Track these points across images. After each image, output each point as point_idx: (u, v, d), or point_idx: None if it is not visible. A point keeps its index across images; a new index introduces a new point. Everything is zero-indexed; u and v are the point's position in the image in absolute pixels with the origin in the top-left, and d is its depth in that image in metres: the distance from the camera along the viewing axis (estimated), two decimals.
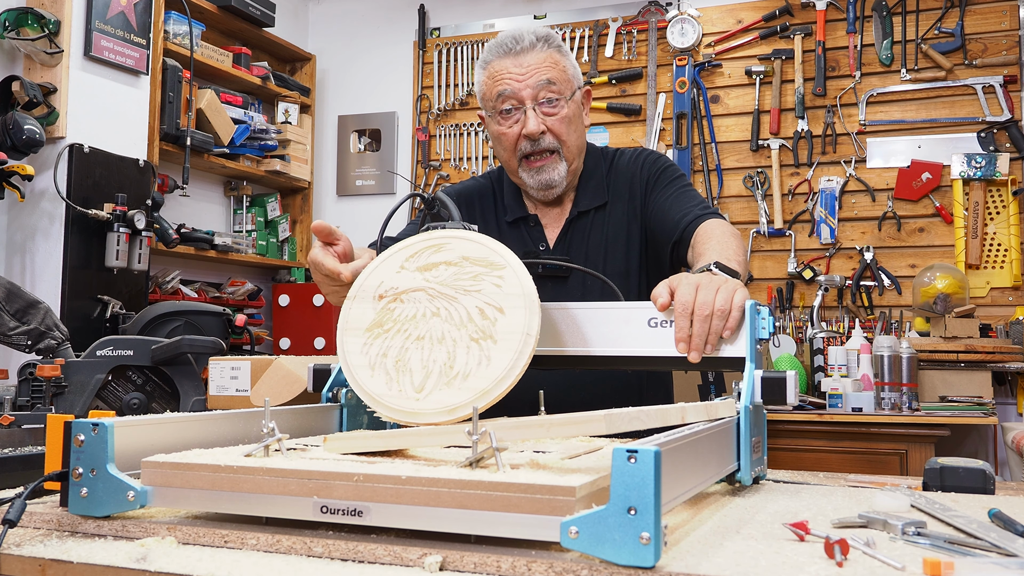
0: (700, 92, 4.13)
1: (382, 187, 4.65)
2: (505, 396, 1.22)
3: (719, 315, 1.19)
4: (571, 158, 1.73)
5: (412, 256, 1.18)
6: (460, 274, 1.14)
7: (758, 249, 4.00)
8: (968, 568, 0.75)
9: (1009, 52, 3.72)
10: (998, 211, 3.69)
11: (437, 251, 1.17)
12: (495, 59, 1.71)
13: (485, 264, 1.14)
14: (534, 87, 1.66)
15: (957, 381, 3.27)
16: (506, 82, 1.67)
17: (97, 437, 0.92)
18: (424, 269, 1.17)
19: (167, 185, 3.60)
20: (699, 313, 1.19)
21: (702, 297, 1.19)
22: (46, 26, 2.98)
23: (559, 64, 1.69)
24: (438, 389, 1.08)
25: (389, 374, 1.11)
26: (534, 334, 1.08)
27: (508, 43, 1.70)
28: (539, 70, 1.67)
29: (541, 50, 1.69)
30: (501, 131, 1.71)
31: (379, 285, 1.18)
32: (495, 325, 1.09)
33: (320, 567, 0.79)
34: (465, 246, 1.16)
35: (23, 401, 2.10)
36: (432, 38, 4.60)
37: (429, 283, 1.15)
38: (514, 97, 1.67)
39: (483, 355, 1.08)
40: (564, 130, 1.69)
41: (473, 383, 1.07)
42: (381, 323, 1.15)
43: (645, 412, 0.97)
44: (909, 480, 1.40)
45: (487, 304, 1.11)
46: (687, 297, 1.20)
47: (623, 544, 0.72)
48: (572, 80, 1.72)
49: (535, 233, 1.78)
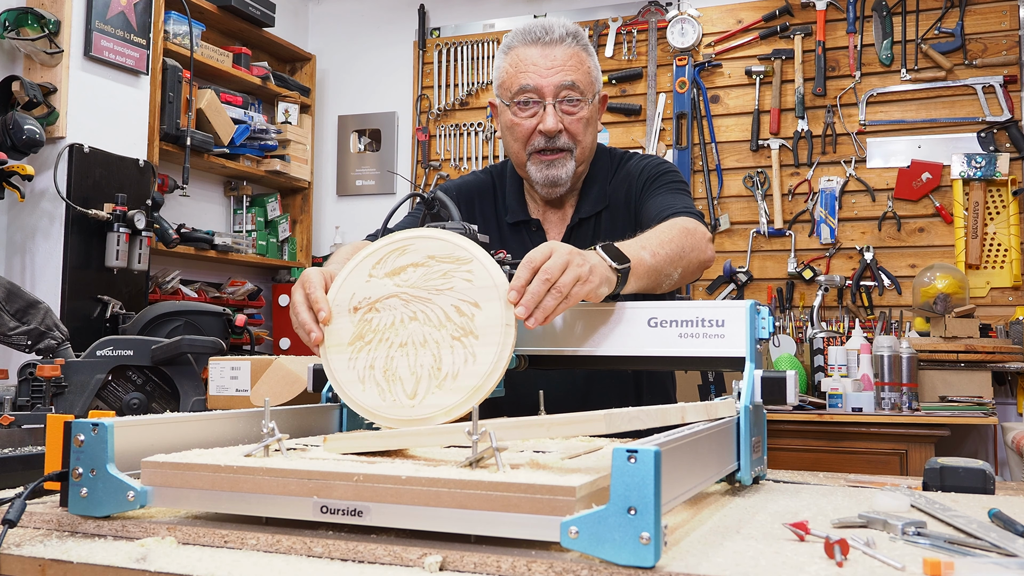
0: (700, 92, 4.13)
1: (382, 187, 4.65)
2: (505, 396, 1.22)
3: (556, 292, 1.11)
4: (581, 159, 1.70)
5: (378, 263, 1.18)
6: (429, 274, 1.14)
7: (758, 249, 4.00)
8: (968, 568, 0.75)
9: (1009, 52, 3.72)
10: (998, 211, 3.69)
11: (402, 254, 1.17)
12: (520, 46, 1.66)
13: (452, 260, 1.14)
14: (557, 85, 1.62)
15: (957, 381, 3.27)
16: (529, 75, 1.63)
17: (97, 437, 0.92)
18: (393, 274, 1.16)
19: (167, 185, 3.60)
20: (541, 276, 1.11)
21: (552, 262, 1.12)
22: (46, 26, 2.98)
23: (584, 65, 1.66)
24: (431, 393, 1.09)
25: (380, 385, 1.13)
26: (512, 324, 1.09)
27: (537, 31, 1.65)
28: (564, 69, 1.63)
29: (569, 46, 1.64)
30: (516, 122, 1.66)
31: (351, 297, 1.18)
32: (473, 321, 1.10)
33: (320, 567, 0.79)
34: (429, 244, 1.16)
35: (23, 401, 2.10)
36: (432, 38, 4.60)
37: (400, 288, 1.15)
38: (535, 91, 1.63)
39: (467, 352, 1.09)
40: (581, 131, 1.66)
41: (463, 381, 1.08)
42: (362, 335, 1.16)
43: (645, 412, 0.97)
44: (909, 480, 1.40)
45: (462, 301, 1.12)
46: (538, 255, 1.13)
47: (623, 544, 0.72)
48: (594, 83, 1.68)
49: (536, 237, 1.75)
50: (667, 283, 1.40)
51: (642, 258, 1.31)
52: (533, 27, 1.66)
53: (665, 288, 1.41)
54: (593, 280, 1.16)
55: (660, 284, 1.38)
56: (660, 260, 1.35)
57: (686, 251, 1.43)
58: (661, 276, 1.37)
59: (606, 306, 1.29)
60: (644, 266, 1.31)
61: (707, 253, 1.50)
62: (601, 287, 1.19)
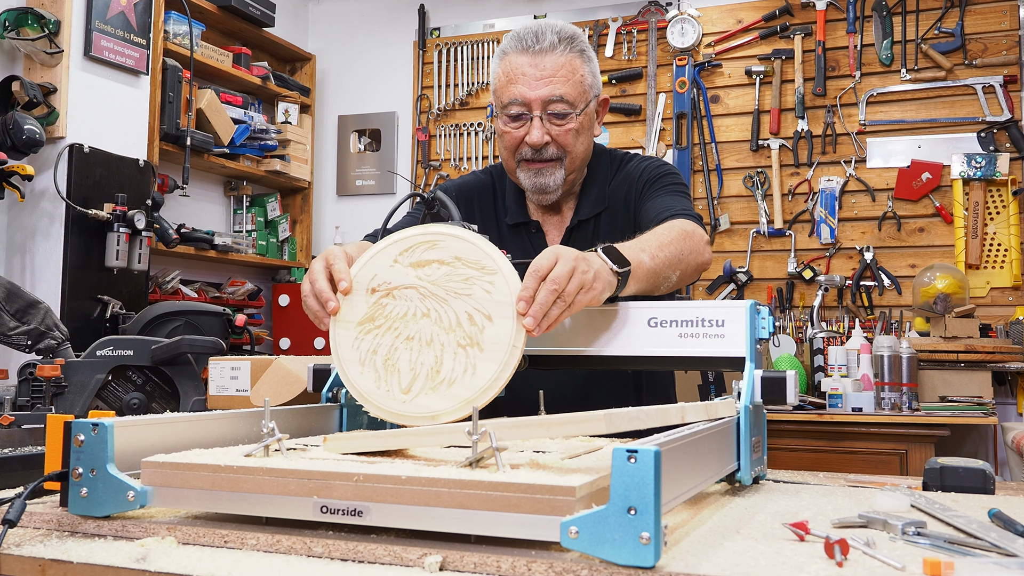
0: (700, 92, 4.13)
1: (382, 187, 4.65)
2: (505, 396, 1.22)
3: (562, 302, 1.12)
4: (572, 168, 1.67)
5: (406, 251, 1.18)
6: (452, 275, 1.14)
7: (758, 249, 4.00)
8: (968, 568, 0.75)
9: (1009, 52, 3.72)
10: (998, 211, 3.69)
11: (431, 248, 1.17)
12: (512, 53, 1.62)
13: (477, 267, 1.14)
14: (545, 97, 1.59)
15: (957, 381, 3.27)
16: (518, 86, 1.60)
17: (97, 437, 0.92)
18: (417, 266, 1.16)
19: (167, 185, 3.60)
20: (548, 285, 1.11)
21: (559, 271, 1.12)
22: (46, 26, 2.98)
23: (577, 73, 1.61)
24: (424, 393, 1.10)
25: (378, 372, 1.13)
26: (520, 346, 1.09)
27: (528, 39, 1.61)
28: (554, 80, 1.59)
29: (561, 53, 1.60)
30: (505, 131, 1.65)
31: (372, 278, 1.18)
32: (483, 333, 1.10)
33: (320, 567, 0.79)
34: (459, 245, 1.16)
35: (23, 401, 2.10)
36: (432, 38, 4.60)
37: (421, 281, 1.15)
38: (523, 103, 1.60)
39: (469, 363, 1.09)
40: (570, 142, 1.63)
41: (457, 391, 1.08)
42: (373, 318, 1.16)
43: (645, 412, 0.97)
44: (909, 480, 1.40)
45: (476, 310, 1.11)
46: (544, 262, 1.12)
47: (623, 544, 0.72)
48: (588, 90, 1.64)
49: (536, 239, 1.75)
50: (665, 285, 1.40)
51: (642, 261, 1.31)
52: (525, 33, 1.63)
53: (663, 290, 1.41)
54: (597, 287, 1.16)
55: (658, 286, 1.38)
56: (659, 263, 1.35)
57: (684, 254, 1.42)
58: (660, 279, 1.37)
59: (607, 307, 1.29)
60: (644, 269, 1.31)
61: (705, 256, 1.49)
62: (603, 293, 1.19)
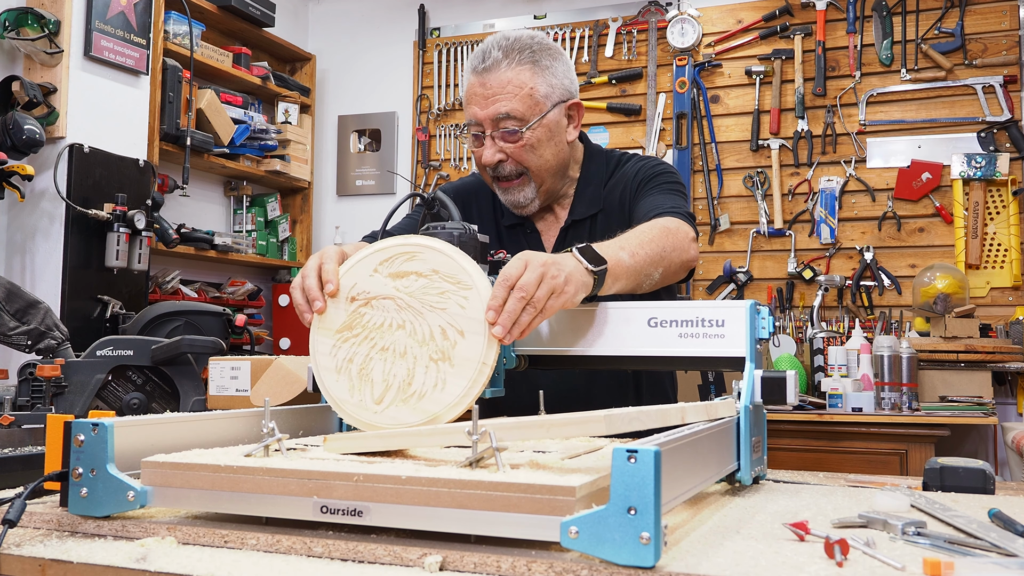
0: (700, 92, 4.13)
1: (382, 187, 4.65)
2: (505, 396, 1.23)
3: (531, 309, 1.11)
4: (541, 180, 1.66)
5: (386, 261, 1.18)
6: (429, 288, 1.15)
7: (758, 249, 4.00)
8: (968, 568, 0.75)
9: (1009, 52, 3.72)
10: (998, 211, 3.69)
11: (410, 259, 1.18)
12: (469, 72, 1.64)
13: (453, 281, 1.14)
14: (493, 117, 1.59)
15: (957, 381, 3.27)
16: (472, 107, 1.62)
17: (97, 437, 0.92)
18: (396, 276, 1.17)
19: (167, 185, 3.60)
20: (516, 293, 1.10)
21: (527, 278, 1.11)
22: (46, 26, 2.98)
23: (525, 87, 1.58)
24: (394, 405, 1.11)
25: (352, 381, 1.15)
26: (490, 363, 1.10)
27: (476, 59, 1.62)
28: (500, 98, 1.58)
29: (508, 68, 1.58)
30: (472, 150, 1.68)
31: (352, 287, 1.19)
32: (454, 348, 1.11)
33: (320, 567, 0.79)
34: (437, 259, 1.16)
35: (23, 401, 2.10)
36: (432, 38, 4.60)
37: (399, 292, 1.16)
38: (478, 124, 1.62)
39: (439, 377, 1.11)
40: (526, 157, 1.61)
41: (426, 405, 1.10)
42: (351, 326, 1.17)
43: (645, 412, 0.97)
44: (909, 480, 1.41)
45: (450, 324, 1.13)
46: (513, 270, 1.12)
47: (623, 544, 0.72)
48: (543, 101, 1.60)
49: (532, 240, 1.76)
50: (647, 283, 1.39)
51: (620, 259, 1.29)
52: (477, 52, 1.63)
53: (646, 288, 1.40)
54: (568, 290, 1.16)
55: (640, 284, 1.37)
56: (640, 260, 1.34)
57: (667, 251, 1.41)
58: (641, 276, 1.35)
59: (605, 306, 1.29)
60: (622, 267, 1.30)
61: (690, 252, 1.48)
62: (577, 294, 1.18)
